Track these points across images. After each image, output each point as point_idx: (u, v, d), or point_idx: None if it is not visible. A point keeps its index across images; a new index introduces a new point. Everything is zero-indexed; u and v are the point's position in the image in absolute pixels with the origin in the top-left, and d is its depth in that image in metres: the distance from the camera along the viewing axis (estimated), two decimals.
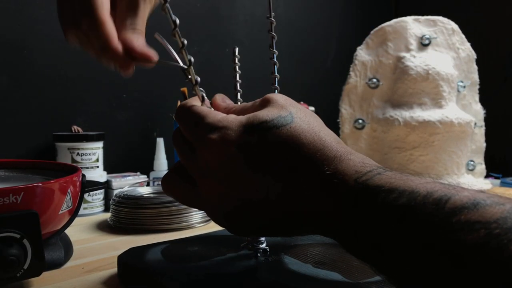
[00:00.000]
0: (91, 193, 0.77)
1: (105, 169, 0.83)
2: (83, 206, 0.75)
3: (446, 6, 1.40)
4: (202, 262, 0.41)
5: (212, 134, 0.33)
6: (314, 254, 0.42)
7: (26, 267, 0.37)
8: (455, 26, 0.93)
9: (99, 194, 0.79)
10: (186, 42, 0.35)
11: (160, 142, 0.92)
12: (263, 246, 0.42)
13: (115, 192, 0.74)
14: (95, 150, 0.80)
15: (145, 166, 0.92)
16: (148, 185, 0.87)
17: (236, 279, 0.37)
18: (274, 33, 0.41)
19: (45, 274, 0.41)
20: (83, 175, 0.51)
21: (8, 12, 0.82)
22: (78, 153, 0.78)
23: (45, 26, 0.87)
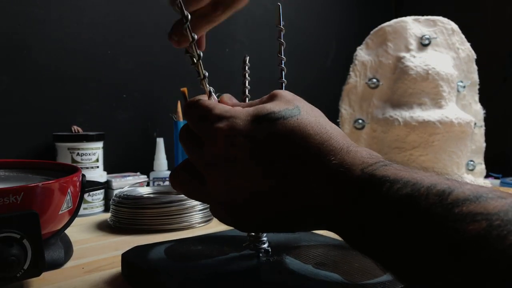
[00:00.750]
0: (91, 193, 0.77)
1: (105, 169, 0.83)
2: (83, 206, 0.75)
3: (446, 6, 1.40)
4: (204, 261, 0.41)
5: (219, 123, 0.33)
6: (315, 255, 0.42)
7: (26, 267, 0.37)
8: (455, 26, 0.93)
9: (99, 194, 0.79)
10: (196, 37, 0.36)
11: (160, 142, 0.92)
12: (265, 246, 0.42)
13: (115, 192, 0.74)
14: (95, 150, 0.80)
15: (145, 166, 0.92)
16: (148, 185, 0.87)
17: (235, 279, 0.37)
18: (283, 40, 0.42)
19: (45, 274, 0.41)
20: (83, 175, 0.50)
21: (8, 12, 0.82)
22: (78, 153, 0.78)
23: (45, 26, 0.87)
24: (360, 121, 0.90)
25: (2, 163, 0.58)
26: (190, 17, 0.35)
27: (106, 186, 0.81)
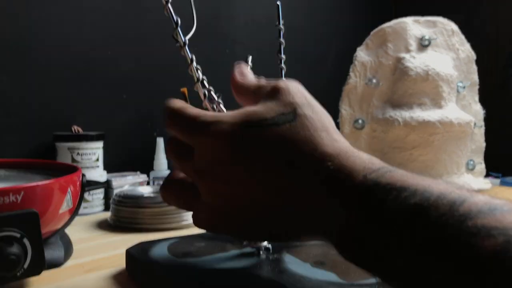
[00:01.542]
0: (91, 192, 0.77)
1: (105, 168, 0.83)
2: (83, 205, 0.75)
3: (446, 7, 1.40)
4: (205, 257, 0.42)
5: (208, 128, 0.32)
6: (315, 254, 0.42)
7: (26, 266, 0.37)
8: (455, 27, 0.93)
9: (99, 194, 0.79)
10: (187, 41, 0.36)
11: (160, 142, 0.92)
12: (266, 244, 0.43)
13: (115, 191, 0.74)
14: (95, 150, 0.80)
15: (145, 165, 0.93)
16: (148, 184, 0.87)
17: (236, 275, 0.38)
18: (283, 40, 0.42)
19: (45, 273, 0.41)
20: (83, 175, 0.51)
21: (8, 12, 0.82)
22: (78, 153, 0.78)
23: (45, 26, 0.87)
24: (360, 121, 0.90)
25: (2, 163, 0.58)
26: (180, 22, 0.35)
27: (106, 186, 0.81)
